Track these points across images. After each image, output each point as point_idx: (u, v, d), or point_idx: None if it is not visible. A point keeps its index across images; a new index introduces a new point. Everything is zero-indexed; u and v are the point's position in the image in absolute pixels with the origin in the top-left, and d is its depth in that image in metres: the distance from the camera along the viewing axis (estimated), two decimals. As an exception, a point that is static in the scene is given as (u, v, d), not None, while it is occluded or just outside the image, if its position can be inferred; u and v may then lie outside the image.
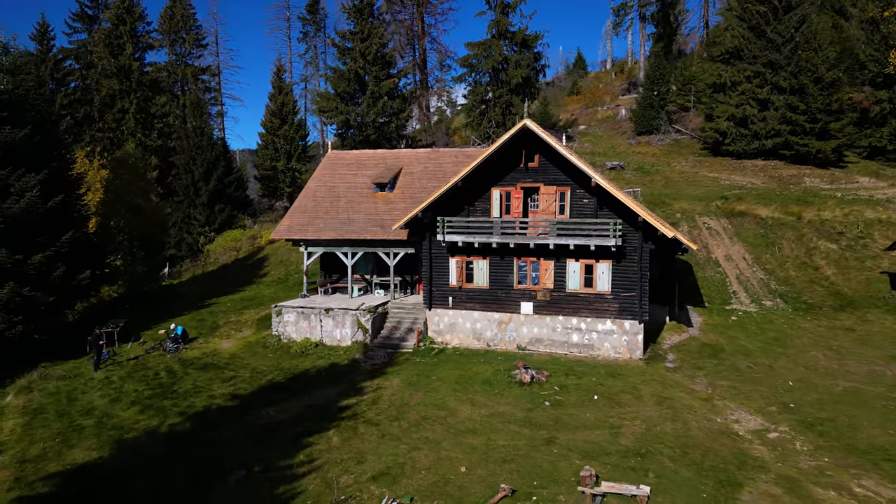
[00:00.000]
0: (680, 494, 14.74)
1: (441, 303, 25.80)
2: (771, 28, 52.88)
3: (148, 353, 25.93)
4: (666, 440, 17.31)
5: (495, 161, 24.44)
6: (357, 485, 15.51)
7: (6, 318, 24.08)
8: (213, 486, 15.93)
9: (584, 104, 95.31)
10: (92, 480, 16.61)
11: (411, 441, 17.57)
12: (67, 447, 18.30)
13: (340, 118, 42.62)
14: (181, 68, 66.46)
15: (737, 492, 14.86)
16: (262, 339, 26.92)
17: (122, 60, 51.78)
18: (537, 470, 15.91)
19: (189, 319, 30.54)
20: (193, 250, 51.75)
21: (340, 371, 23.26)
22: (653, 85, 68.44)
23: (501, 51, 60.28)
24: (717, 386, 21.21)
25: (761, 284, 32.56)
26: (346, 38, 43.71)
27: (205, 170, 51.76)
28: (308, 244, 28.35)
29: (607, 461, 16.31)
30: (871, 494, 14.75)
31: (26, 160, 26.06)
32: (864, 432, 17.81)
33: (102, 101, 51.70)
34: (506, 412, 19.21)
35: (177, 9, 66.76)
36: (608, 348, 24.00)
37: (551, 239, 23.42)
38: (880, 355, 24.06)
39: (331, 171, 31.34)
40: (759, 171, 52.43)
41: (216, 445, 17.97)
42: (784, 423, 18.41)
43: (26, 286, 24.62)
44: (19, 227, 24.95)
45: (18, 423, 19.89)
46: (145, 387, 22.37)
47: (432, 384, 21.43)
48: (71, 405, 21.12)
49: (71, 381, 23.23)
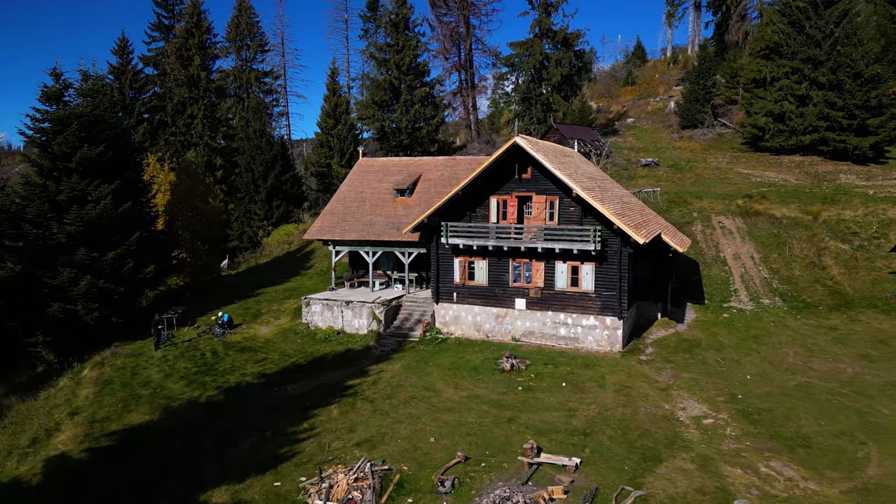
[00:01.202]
0: (605, 466, 17.58)
1: (447, 297, 29.13)
2: (811, 23, 52.76)
3: (199, 337, 30.52)
4: (612, 422, 20.08)
5: (493, 172, 27.42)
6: (344, 448, 19.15)
7: (86, 306, 29.16)
8: (233, 444, 19.95)
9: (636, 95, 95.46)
10: (143, 438, 21.02)
11: (396, 416, 21.07)
12: (127, 411, 22.87)
13: (376, 125, 46.37)
14: (246, 73, 72.09)
15: (655, 466, 17.56)
16: (294, 326, 31.08)
17: (192, 70, 57.26)
18: (493, 442, 19.07)
19: (237, 307, 35.14)
20: (253, 242, 57.01)
21: (353, 356, 27.04)
22: (698, 78, 68.68)
23: (543, 49, 62.43)
24: (679, 377, 23.63)
25: (763, 283, 34.09)
26: (382, 51, 47.33)
27: (263, 169, 56.75)
28: (335, 244, 32.24)
29: (555, 437, 19.28)
30: (773, 473, 17.13)
31: (101, 172, 30.99)
32: (795, 422, 19.97)
33: (174, 108, 57.40)
34: (482, 395, 22.41)
35: (242, 18, 72.33)
36: (591, 341, 26.69)
37: (539, 243, 26.27)
38: (850, 354, 25.70)
39: (360, 177, 35.07)
40: (796, 167, 52.70)
41: (240, 414, 22.07)
42: (725, 412, 20.77)
43: (101, 279, 29.61)
44: (96, 229, 29.92)
45: (91, 392, 24.70)
46: (193, 365, 26.86)
47: (427, 369, 24.86)
48: (133, 378, 25.83)
49: (135, 358, 28.05)
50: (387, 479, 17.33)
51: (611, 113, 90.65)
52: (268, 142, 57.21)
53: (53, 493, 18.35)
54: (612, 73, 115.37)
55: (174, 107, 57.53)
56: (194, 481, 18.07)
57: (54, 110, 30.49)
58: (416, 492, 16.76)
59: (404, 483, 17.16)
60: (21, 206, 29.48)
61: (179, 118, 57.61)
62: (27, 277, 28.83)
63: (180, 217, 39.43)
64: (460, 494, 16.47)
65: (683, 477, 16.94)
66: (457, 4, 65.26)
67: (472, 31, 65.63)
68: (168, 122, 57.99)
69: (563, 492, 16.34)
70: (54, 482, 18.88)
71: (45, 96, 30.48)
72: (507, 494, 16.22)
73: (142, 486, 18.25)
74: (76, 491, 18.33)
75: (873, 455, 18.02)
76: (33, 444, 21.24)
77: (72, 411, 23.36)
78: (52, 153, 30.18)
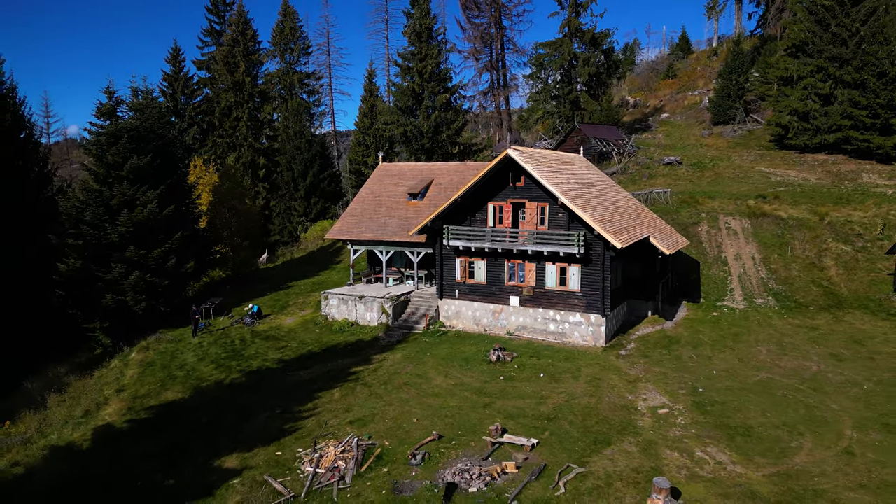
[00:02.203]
0: (559, 447, 20.13)
1: (449, 294, 31.93)
2: (836, 21, 52.77)
3: (232, 326, 34.27)
4: (575, 410, 22.55)
5: (490, 180, 29.98)
6: (339, 425, 22.29)
7: (134, 297, 33.26)
8: (248, 420, 23.37)
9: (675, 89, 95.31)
10: (175, 412, 24.71)
11: (389, 399, 24.09)
12: (164, 389, 26.67)
13: (400, 129, 49.34)
14: (290, 75, 76.22)
15: (603, 448, 20.00)
16: (314, 318, 34.48)
17: (237, 76, 61.47)
18: (466, 424, 21.85)
19: (268, 299, 38.84)
20: (293, 237, 61.09)
21: (362, 346, 30.20)
22: (730, 73, 68.86)
23: (571, 49, 64.04)
24: (650, 371, 25.81)
25: (760, 283, 35.51)
26: (406, 59, 50.19)
27: (302, 168, 60.63)
28: (353, 243, 35.44)
29: (522, 421, 21.90)
30: (706, 457, 19.34)
31: (149, 178, 34.99)
32: (744, 414, 21.98)
33: (221, 111, 61.78)
34: (468, 383, 25.18)
35: (286, 23, 76.46)
36: (577, 336, 29.05)
37: (530, 246, 28.74)
38: (821, 352, 27.27)
39: (378, 181, 38.12)
40: (819, 165, 53.03)
41: (257, 394, 25.52)
42: (682, 403, 22.93)
43: (148, 273, 33.65)
44: (143, 229, 33.94)
45: (136, 372, 28.66)
46: (223, 351, 30.56)
47: (424, 359, 27.77)
48: (171, 361, 29.70)
49: (175, 343, 31.98)
50: (369, 452, 20.36)
51: (647, 107, 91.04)
52: (307, 142, 60.99)
53: (99, 456, 22.16)
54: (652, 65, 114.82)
55: (221, 110, 61.90)
56: (213, 449, 21.55)
57: (108, 125, 34.61)
58: (392, 463, 19.73)
59: (383, 456, 20.16)
60: (80, 209, 33.76)
61: (226, 121, 61.97)
62: (85, 272, 33.11)
63: (221, 216, 43.43)
64: (428, 466, 19.34)
65: (625, 458, 19.34)
66: (488, 6, 67.45)
67: (503, 32, 67.70)
68: (216, 125, 62.44)
69: (516, 467, 19.01)
70: (100, 447, 22.71)
71: (100, 112, 34.66)
72: (467, 467, 19.01)
73: (171, 452, 21.85)
74: (117, 455, 22.08)
75: (806, 445, 19.96)
76: (85, 416, 25.24)
77: (119, 388, 27.35)
78: (107, 162, 34.31)
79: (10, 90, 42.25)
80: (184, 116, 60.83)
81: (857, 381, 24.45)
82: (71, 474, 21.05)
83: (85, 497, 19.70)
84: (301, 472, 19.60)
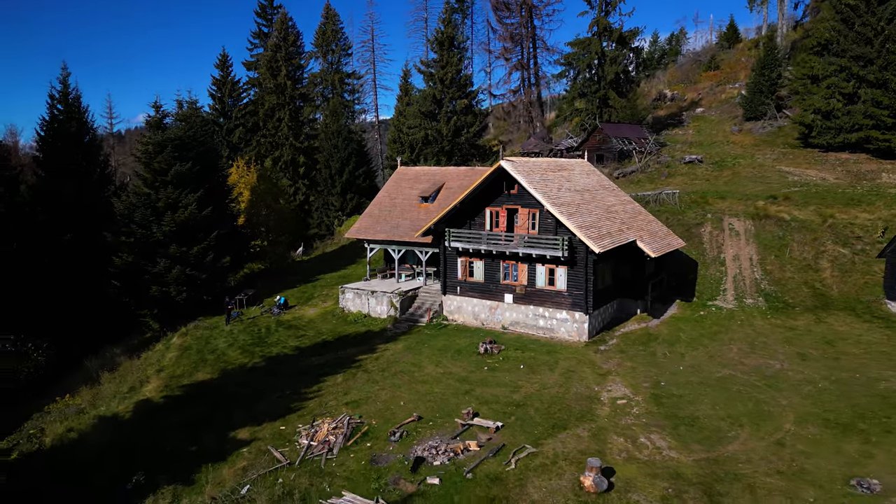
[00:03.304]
0: (520, 430, 23.04)
1: (452, 290, 35.01)
2: (862, 20, 52.71)
3: (261, 315, 38.32)
4: (544, 398, 25.36)
5: (487, 188, 32.82)
6: (336, 406, 25.80)
7: (176, 289, 37.68)
8: (262, 399, 27.16)
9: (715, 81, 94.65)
10: (203, 390, 28.78)
11: (383, 384, 27.45)
12: (196, 371, 30.84)
13: (421, 133, 52.44)
14: (331, 75, 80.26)
15: (559, 432, 22.80)
16: (333, 309, 38.17)
17: (279, 80, 65.72)
18: (445, 408, 24.99)
19: (297, 291, 42.80)
20: (330, 231, 65.23)
21: (370, 336, 33.68)
22: (763, 68, 68.79)
23: (599, 48, 65.53)
24: (622, 366, 28.29)
25: (753, 284, 37.14)
26: (429, 66, 53.16)
27: (339, 165, 64.55)
28: (369, 242, 38.90)
29: (494, 407, 24.89)
30: (647, 443, 21.90)
31: (190, 183, 39.26)
32: (695, 406, 24.33)
33: (265, 113, 66.25)
34: (455, 372, 28.29)
35: (328, 25, 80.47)
36: (563, 332, 31.71)
37: (521, 249, 31.50)
38: (789, 352, 29.10)
39: (396, 184, 41.40)
40: (840, 165, 53.33)
41: (273, 377, 29.33)
42: (641, 395, 25.41)
43: (188, 268, 37.99)
44: (184, 228, 38.27)
45: (175, 355, 32.98)
46: (249, 338, 34.60)
47: (422, 350, 31.01)
48: (205, 346, 33.91)
49: (210, 330, 36.24)
50: (357, 429, 23.79)
51: (684, 101, 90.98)
52: (344, 140, 64.81)
53: (138, 426, 26.38)
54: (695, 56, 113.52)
55: (265, 111, 66.36)
56: (230, 423, 25.42)
57: (155, 135, 39.00)
58: (375, 439, 23.10)
59: (369, 433, 23.55)
60: (131, 210, 38.35)
61: (269, 121, 66.41)
62: (135, 266, 37.72)
63: (259, 214, 47.67)
64: (405, 443, 22.61)
65: (575, 441, 22.13)
66: (518, 7, 69.46)
67: (532, 31, 69.61)
68: (260, 125, 66.98)
69: (478, 445, 22.08)
70: (139, 418, 26.96)
71: (148, 125, 39.12)
72: (436, 444, 22.19)
73: (196, 424, 25.84)
74: (153, 425, 26.24)
75: (742, 436, 22.26)
76: (130, 391, 29.63)
77: (159, 369, 31.70)
78: (153, 169, 38.74)
79: (76, 100, 47.61)
80: (230, 118, 65.57)
81: (815, 379, 26.32)
82: (114, 440, 25.31)
83: (124, 459, 23.83)
84: (298, 444, 23.20)
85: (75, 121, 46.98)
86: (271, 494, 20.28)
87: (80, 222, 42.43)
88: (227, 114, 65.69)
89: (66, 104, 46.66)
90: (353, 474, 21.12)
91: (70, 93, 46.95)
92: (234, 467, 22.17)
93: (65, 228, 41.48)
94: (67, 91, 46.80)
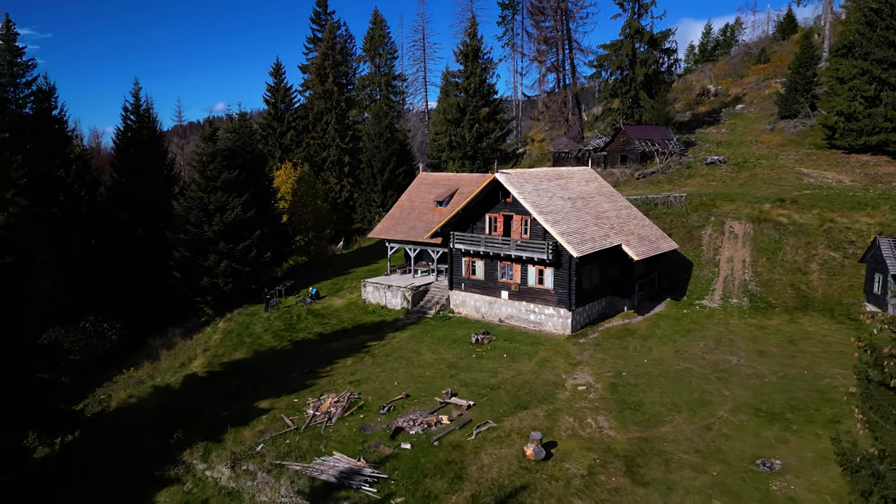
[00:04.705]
0: (488, 409, 27.27)
1: (457, 286, 39.38)
2: (885, 24, 53.23)
3: (296, 304, 43.79)
4: (516, 383, 29.48)
5: (487, 196, 36.94)
6: (342, 384, 30.74)
7: (224, 280, 43.63)
8: (283, 376, 32.43)
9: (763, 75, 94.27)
10: (238, 368, 34.36)
11: (384, 367, 32.20)
12: (234, 351, 36.52)
13: (447, 138, 56.69)
14: (378, 78, 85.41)
15: (520, 411, 26.90)
16: (356, 301, 43.24)
17: (327, 86, 71.26)
18: (431, 388, 29.50)
19: (329, 283, 48.15)
20: (372, 226, 70.50)
21: (383, 325, 38.50)
22: (799, 66, 69.21)
23: (630, 50, 67.96)
24: (594, 357, 32.00)
25: (741, 285, 39.77)
26: (455, 76, 57.28)
27: (380, 165, 69.53)
28: (389, 241, 43.69)
29: (472, 388, 29.21)
30: (591, 423, 25.75)
31: (237, 187, 45.03)
32: (645, 394, 27.89)
33: (314, 116, 72.03)
34: (447, 358, 32.73)
35: (376, 31, 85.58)
36: (550, 326, 35.59)
37: (513, 251, 35.53)
38: (750, 349, 32.03)
39: (417, 188, 45.97)
40: (859, 167, 54.31)
41: (296, 358, 34.60)
42: (601, 383, 29.13)
43: (234, 262, 43.85)
44: (231, 228, 44.11)
45: (219, 337, 38.83)
46: (282, 324, 40.08)
47: (423, 338, 35.59)
48: (244, 330, 39.63)
49: (251, 317, 41.99)
50: (355, 403, 28.65)
51: (728, 96, 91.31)
52: (385, 142, 69.77)
53: (185, 395, 32.16)
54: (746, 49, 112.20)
55: (314, 115, 72.14)
56: (255, 395, 30.76)
57: (207, 147, 44.94)
58: (368, 412, 27.89)
59: (363, 406, 28.37)
60: (188, 211, 44.50)
61: (318, 124, 72.14)
62: (190, 260, 43.87)
63: (300, 213, 53.34)
64: (390, 415, 27.30)
65: (531, 419, 26.24)
66: (553, 11, 72.38)
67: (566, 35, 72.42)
68: (309, 128, 72.84)
69: (449, 420, 26.53)
70: (186, 388, 32.76)
71: (202, 139, 45.05)
72: (415, 417, 26.78)
73: (229, 395, 31.33)
74: (197, 394, 31.95)
75: (677, 420, 25.79)
76: (181, 366, 35.57)
77: (205, 348, 37.58)
78: (206, 175, 44.71)
79: (146, 111, 54.46)
80: (283, 121, 71.68)
81: (764, 374, 29.34)
82: (164, 405, 31.15)
83: (170, 421, 29.54)
84: (306, 413, 28.27)
85: (146, 130, 53.88)
86: (278, 452, 25.43)
87: (149, 220, 49.21)
88: (280, 118, 71.81)
89: (138, 115, 53.57)
90: (344, 439, 25.99)
91: (141, 105, 53.83)
92: (254, 430, 27.45)
93: (137, 225, 48.35)
94: (139, 104, 53.68)
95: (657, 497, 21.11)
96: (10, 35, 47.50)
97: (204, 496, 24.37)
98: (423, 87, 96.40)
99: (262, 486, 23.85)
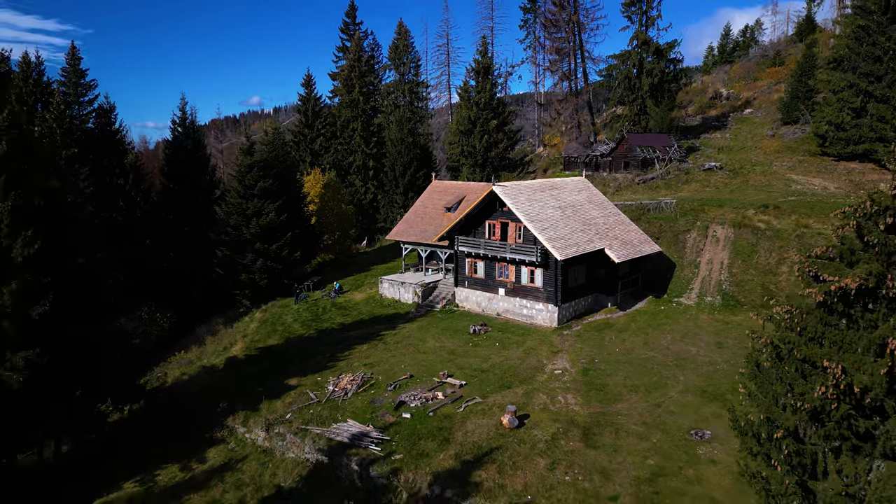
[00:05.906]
0: (477, 388, 32.65)
1: (462, 283, 44.81)
2: (871, 39, 56.71)
3: (322, 298, 49.71)
4: (504, 367, 34.80)
5: (486, 205, 42.24)
6: (358, 366, 36.45)
7: (260, 276, 49.79)
8: (309, 359, 38.31)
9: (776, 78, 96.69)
10: (271, 352, 40.39)
11: (393, 353, 37.82)
12: (268, 337, 42.57)
13: (458, 148, 62.01)
14: (402, 85, 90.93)
15: (503, 391, 32.23)
16: (374, 295, 48.97)
17: (353, 95, 77.13)
18: (431, 370, 35.01)
19: (352, 279, 54.01)
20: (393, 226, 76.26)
21: (396, 317, 44.13)
22: (800, 74, 72.43)
23: (636, 60, 72.19)
24: (573, 346, 37.11)
25: (716, 284, 44.30)
26: (468, 90, 62.51)
27: (402, 168, 75.12)
28: (403, 243, 49.30)
29: (466, 371, 34.63)
30: (561, 400, 30.96)
31: (271, 195, 51.09)
32: (610, 378, 32.93)
33: (341, 124, 78.00)
34: (448, 346, 38.20)
35: (400, 41, 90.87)
36: (540, 319, 40.79)
37: (508, 254, 40.80)
38: (711, 341, 36.75)
39: (429, 195, 51.45)
40: (846, 174, 58.01)
41: (320, 344, 40.47)
42: (576, 368, 34.27)
43: (268, 260, 49.96)
44: (266, 230, 50.19)
45: (256, 326, 44.97)
46: (309, 315, 46.03)
47: (430, 329, 41.11)
48: (277, 320, 45.69)
49: (283, 308, 48.06)
50: (367, 382, 34.34)
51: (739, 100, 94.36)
52: (407, 147, 75.36)
53: (226, 373, 38.29)
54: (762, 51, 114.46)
55: (341, 122, 78.12)
56: (285, 374, 36.68)
57: (245, 159, 51.06)
58: (377, 389, 33.55)
59: (374, 384, 34.04)
60: (228, 215, 50.74)
61: (345, 131, 78.10)
62: (230, 259, 50.13)
63: (326, 215, 59.33)
64: (396, 392, 32.91)
65: (511, 396, 31.57)
66: (565, 23, 76.89)
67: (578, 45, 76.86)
68: (337, 134, 78.85)
69: (443, 396, 32.03)
70: (227, 368, 38.90)
71: (241, 152, 51.23)
72: (416, 393, 32.36)
73: (263, 374, 37.32)
74: (236, 373, 38.03)
75: (633, 399, 30.84)
76: (223, 350, 41.76)
77: (244, 335, 43.73)
78: (245, 184, 50.86)
79: (191, 123, 60.95)
80: (313, 128, 77.81)
81: (717, 362, 34.13)
82: (210, 382, 37.32)
83: (217, 394, 35.61)
84: (326, 389, 34.05)
85: (191, 140, 60.38)
86: (304, 419, 31.28)
87: (193, 220, 55.70)
88: (310, 125, 77.95)
89: (184, 127, 60.09)
90: (357, 410, 31.69)
91: (187, 118, 60.34)
92: (284, 402, 33.36)
93: (182, 225, 54.90)
94: (185, 116, 60.20)
95: (604, 457, 26.28)
96: (75, 59, 54.32)
97: (244, 453, 30.39)
98: (447, 89, 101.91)
99: (290, 445, 29.74)
